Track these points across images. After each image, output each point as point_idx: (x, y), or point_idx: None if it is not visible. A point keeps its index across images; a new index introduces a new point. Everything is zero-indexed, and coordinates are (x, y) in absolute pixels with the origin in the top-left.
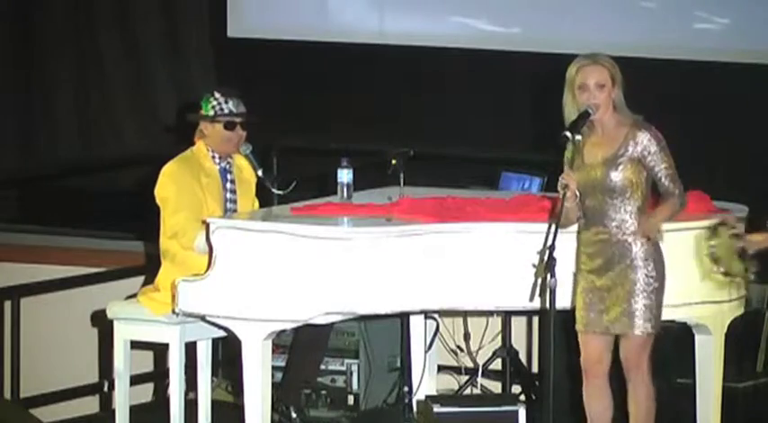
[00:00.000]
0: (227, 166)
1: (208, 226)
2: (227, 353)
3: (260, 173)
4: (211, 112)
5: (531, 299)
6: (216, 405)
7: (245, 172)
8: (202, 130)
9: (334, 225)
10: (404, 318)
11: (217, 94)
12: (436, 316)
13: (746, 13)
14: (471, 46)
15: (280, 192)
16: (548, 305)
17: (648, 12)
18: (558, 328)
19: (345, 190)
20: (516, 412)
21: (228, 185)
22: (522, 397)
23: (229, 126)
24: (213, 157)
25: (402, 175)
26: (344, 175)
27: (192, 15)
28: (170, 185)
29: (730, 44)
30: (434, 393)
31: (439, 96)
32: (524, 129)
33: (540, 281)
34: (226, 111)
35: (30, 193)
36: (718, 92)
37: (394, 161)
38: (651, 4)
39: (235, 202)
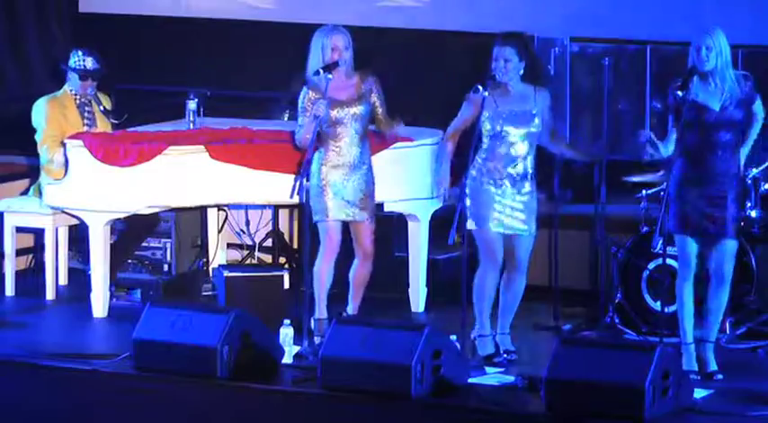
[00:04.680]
0: (86, 102)
1: (65, 145)
2: (80, 234)
3: (101, 108)
4: (73, 65)
5: (291, 196)
6: (71, 270)
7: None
8: (69, 75)
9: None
10: (202, 209)
11: (80, 53)
12: (226, 208)
13: None
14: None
15: (115, 121)
16: (303, 201)
17: None
18: (310, 218)
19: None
20: (282, 276)
21: (87, 115)
22: (287, 265)
23: (83, 78)
24: (75, 97)
25: (202, 110)
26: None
27: None
28: (41, 116)
29: None
30: (225, 263)
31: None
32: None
33: (297, 184)
34: (82, 66)
35: None
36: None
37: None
38: None
39: (92, 126)
